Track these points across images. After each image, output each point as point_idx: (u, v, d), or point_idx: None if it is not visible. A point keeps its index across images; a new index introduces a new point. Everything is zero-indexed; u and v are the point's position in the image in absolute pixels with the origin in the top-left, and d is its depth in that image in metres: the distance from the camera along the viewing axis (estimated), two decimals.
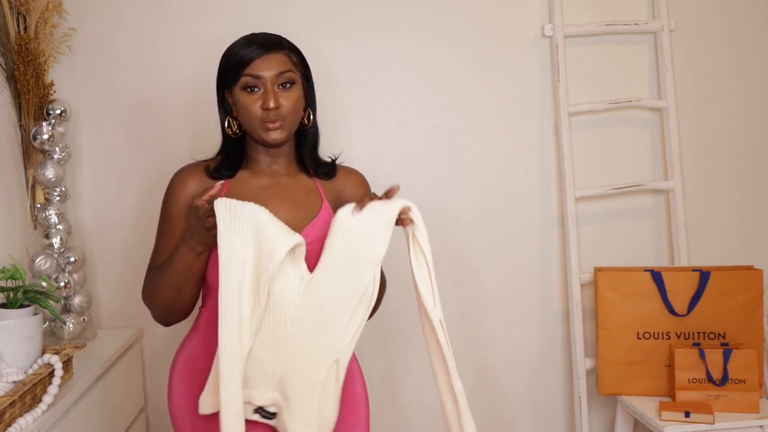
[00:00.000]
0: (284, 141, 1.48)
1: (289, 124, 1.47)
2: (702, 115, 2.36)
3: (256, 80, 1.44)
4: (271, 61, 1.44)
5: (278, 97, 1.44)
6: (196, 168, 1.53)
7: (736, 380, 2.03)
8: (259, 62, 1.43)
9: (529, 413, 2.37)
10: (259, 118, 1.44)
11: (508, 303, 2.34)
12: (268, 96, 1.43)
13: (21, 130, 1.98)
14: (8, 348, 1.51)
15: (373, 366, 2.27)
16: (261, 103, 1.44)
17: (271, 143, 1.48)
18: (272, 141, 1.46)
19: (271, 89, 1.43)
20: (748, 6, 2.36)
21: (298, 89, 1.47)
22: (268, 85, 1.43)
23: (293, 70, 1.47)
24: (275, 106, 1.43)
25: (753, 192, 2.40)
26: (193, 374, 1.50)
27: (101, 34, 2.15)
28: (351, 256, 1.37)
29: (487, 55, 2.28)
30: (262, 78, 1.43)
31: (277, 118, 1.44)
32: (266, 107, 1.43)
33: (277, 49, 1.46)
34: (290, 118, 1.46)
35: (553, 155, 2.31)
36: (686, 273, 2.16)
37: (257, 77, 1.43)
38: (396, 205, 1.40)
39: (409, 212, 1.41)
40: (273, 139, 1.46)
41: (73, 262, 2.03)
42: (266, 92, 1.43)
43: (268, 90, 1.43)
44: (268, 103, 1.42)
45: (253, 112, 1.44)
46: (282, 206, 1.49)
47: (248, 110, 1.45)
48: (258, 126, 1.45)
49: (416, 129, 2.27)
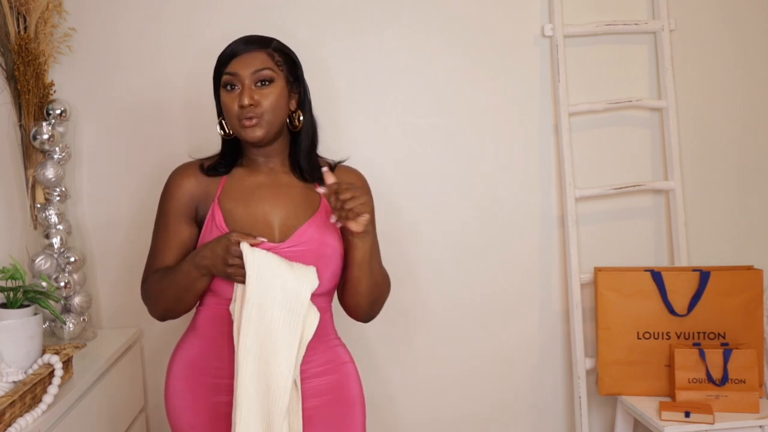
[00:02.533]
0: (264, 138, 1.48)
1: (267, 122, 1.46)
2: (702, 115, 2.36)
3: (233, 78, 1.45)
4: (249, 59, 1.46)
5: (254, 94, 1.44)
6: (192, 166, 1.54)
7: (736, 380, 2.03)
8: (237, 60, 1.46)
9: (529, 413, 2.37)
10: (236, 116, 1.46)
11: (508, 303, 2.33)
12: (244, 93, 1.44)
13: (21, 130, 1.98)
14: (8, 348, 1.51)
15: (370, 367, 2.27)
16: (238, 101, 1.45)
17: (250, 141, 1.48)
18: (251, 138, 1.47)
19: (247, 86, 1.45)
20: (748, 6, 2.36)
21: (277, 87, 1.47)
22: (246, 82, 1.45)
23: (273, 69, 1.47)
24: (249, 103, 1.43)
25: (753, 192, 2.40)
26: (190, 374, 1.51)
27: (101, 34, 2.15)
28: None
29: (487, 54, 2.27)
30: (238, 75, 1.45)
31: (254, 115, 1.44)
32: (241, 104, 1.44)
33: (258, 48, 1.47)
34: (268, 116, 1.46)
35: (553, 155, 2.31)
36: (686, 273, 2.15)
37: (233, 74, 1.45)
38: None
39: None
40: (251, 136, 1.46)
41: (73, 262, 2.03)
42: (242, 90, 1.45)
43: (245, 87, 1.45)
44: (243, 100, 1.44)
45: (231, 110, 1.46)
46: (278, 204, 1.49)
47: (226, 107, 1.47)
48: (236, 123, 1.46)
49: (416, 128, 2.27)
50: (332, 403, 1.51)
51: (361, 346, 2.17)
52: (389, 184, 2.25)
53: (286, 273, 1.34)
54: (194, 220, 1.51)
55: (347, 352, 1.59)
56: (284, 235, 1.46)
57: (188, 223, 1.50)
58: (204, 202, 1.50)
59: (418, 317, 2.31)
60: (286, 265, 1.36)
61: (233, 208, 1.48)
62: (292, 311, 1.33)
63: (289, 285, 1.33)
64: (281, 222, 1.48)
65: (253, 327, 1.33)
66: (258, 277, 1.33)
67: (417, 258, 2.29)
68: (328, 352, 1.54)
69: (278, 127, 1.50)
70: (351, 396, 1.55)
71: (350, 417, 1.54)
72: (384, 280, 1.55)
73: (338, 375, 1.54)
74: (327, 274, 1.47)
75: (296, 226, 1.47)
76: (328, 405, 1.50)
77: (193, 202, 1.50)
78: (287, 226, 1.47)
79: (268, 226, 1.47)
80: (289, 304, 1.33)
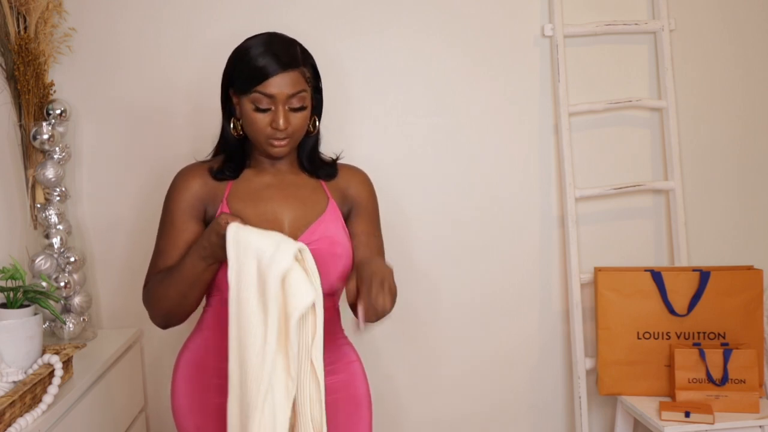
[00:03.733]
0: (288, 154, 1.49)
1: (294, 140, 1.46)
2: (702, 115, 2.36)
3: (269, 100, 1.41)
4: (285, 81, 1.40)
5: (288, 117, 1.42)
6: (199, 168, 1.52)
7: (736, 380, 2.03)
8: (273, 81, 1.39)
9: (529, 413, 2.37)
10: (266, 135, 1.43)
11: (508, 303, 2.33)
12: (278, 116, 1.40)
13: (21, 130, 1.98)
14: (8, 348, 1.51)
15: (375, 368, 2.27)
16: (270, 121, 1.42)
17: (274, 157, 1.48)
18: (276, 155, 1.47)
19: (282, 110, 1.41)
20: (747, 6, 2.36)
21: (308, 109, 1.46)
22: (280, 106, 1.41)
23: (306, 90, 1.44)
24: (284, 127, 1.41)
25: (753, 192, 2.40)
26: (197, 374, 1.50)
27: (101, 34, 2.15)
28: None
29: (487, 54, 2.27)
30: (274, 98, 1.40)
31: (285, 136, 1.43)
32: (275, 127, 1.41)
33: (293, 67, 1.41)
34: (297, 135, 1.46)
35: (553, 155, 2.31)
36: (686, 273, 2.15)
37: (270, 97, 1.40)
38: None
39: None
40: (277, 153, 1.46)
41: (73, 262, 2.03)
42: (276, 112, 1.41)
43: (279, 110, 1.41)
44: (278, 123, 1.40)
45: (261, 128, 1.42)
46: (287, 204, 1.49)
47: (256, 125, 1.43)
48: (263, 141, 1.44)
49: (416, 128, 2.27)
50: (339, 402, 1.51)
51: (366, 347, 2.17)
52: (389, 184, 2.24)
53: (263, 249, 1.25)
54: (202, 220, 1.49)
55: (354, 351, 1.58)
56: (294, 234, 1.45)
57: (196, 221, 1.48)
58: (212, 203, 1.48)
59: (419, 317, 2.31)
60: (268, 240, 1.26)
61: (242, 208, 1.46)
62: (265, 291, 1.24)
63: (264, 261, 1.24)
64: (291, 221, 1.47)
65: (234, 309, 1.26)
66: (236, 257, 1.26)
67: (417, 258, 2.29)
68: (336, 351, 1.53)
69: (300, 140, 1.50)
70: (358, 394, 1.55)
71: (357, 415, 1.54)
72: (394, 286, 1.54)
73: (345, 374, 1.54)
74: (337, 273, 1.46)
75: (306, 225, 1.46)
76: (335, 403, 1.49)
77: (200, 203, 1.48)
78: (297, 225, 1.47)
79: (278, 225, 1.46)
80: (263, 285, 1.24)
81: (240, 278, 1.26)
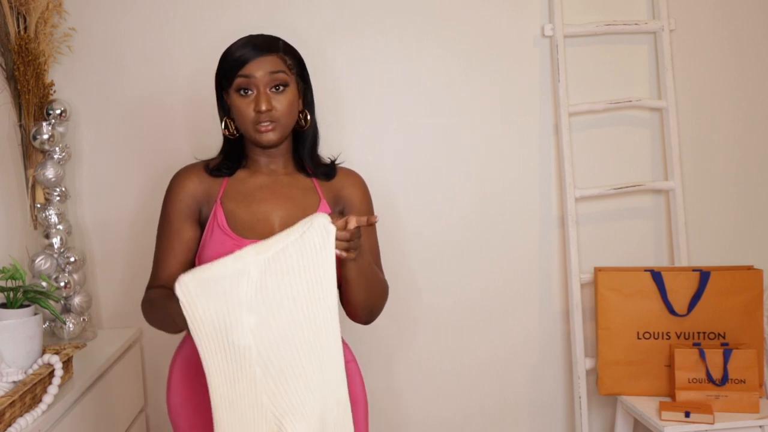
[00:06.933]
0: (278, 142, 1.49)
1: (282, 126, 1.47)
2: (702, 115, 2.36)
3: (248, 81, 1.44)
4: (264, 63, 1.44)
5: (270, 99, 1.44)
6: (194, 168, 1.54)
7: (736, 380, 2.03)
8: (252, 64, 1.44)
9: (529, 413, 2.37)
10: (251, 121, 1.45)
11: (508, 303, 2.33)
12: (260, 98, 1.44)
13: (21, 130, 1.99)
14: (8, 348, 1.51)
15: (372, 368, 2.27)
16: (254, 106, 1.44)
17: (264, 144, 1.48)
18: (265, 142, 1.47)
19: (263, 91, 1.44)
20: (747, 6, 2.36)
21: (291, 91, 1.47)
22: (261, 87, 1.44)
23: (286, 72, 1.47)
24: (267, 108, 1.43)
25: (753, 192, 2.40)
26: (192, 374, 1.50)
27: (101, 34, 2.15)
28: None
29: (487, 55, 2.27)
30: (253, 79, 1.44)
31: (270, 120, 1.45)
32: (258, 109, 1.43)
33: (271, 51, 1.46)
34: (283, 120, 1.47)
35: (553, 155, 2.31)
36: (686, 273, 2.15)
37: (249, 78, 1.44)
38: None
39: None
40: (266, 140, 1.46)
41: (73, 262, 2.03)
42: (258, 95, 1.44)
43: (261, 92, 1.44)
44: (260, 106, 1.43)
45: (246, 115, 1.45)
46: (279, 204, 1.50)
47: (241, 112, 1.46)
48: (251, 128, 1.46)
49: (416, 129, 2.27)
50: None
51: (363, 345, 2.17)
52: (389, 185, 2.25)
53: (240, 261, 1.19)
54: (197, 221, 1.51)
55: (349, 352, 1.58)
56: None
57: (192, 223, 1.50)
58: (207, 202, 1.50)
59: (419, 317, 2.31)
60: (239, 254, 1.20)
61: (235, 208, 1.48)
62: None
63: (263, 261, 1.20)
64: (282, 222, 1.48)
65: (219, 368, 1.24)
66: (192, 303, 1.19)
67: (417, 258, 2.29)
68: None
69: (290, 129, 1.51)
70: (353, 395, 1.54)
71: (353, 418, 1.53)
72: (380, 292, 1.51)
73: None
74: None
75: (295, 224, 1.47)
76: None
77: (196, 203, 1.50)
78: (287, 225, 1.46)
79: (269, 226, 1.47)
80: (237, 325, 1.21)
81: (204, 325, 1.21)
